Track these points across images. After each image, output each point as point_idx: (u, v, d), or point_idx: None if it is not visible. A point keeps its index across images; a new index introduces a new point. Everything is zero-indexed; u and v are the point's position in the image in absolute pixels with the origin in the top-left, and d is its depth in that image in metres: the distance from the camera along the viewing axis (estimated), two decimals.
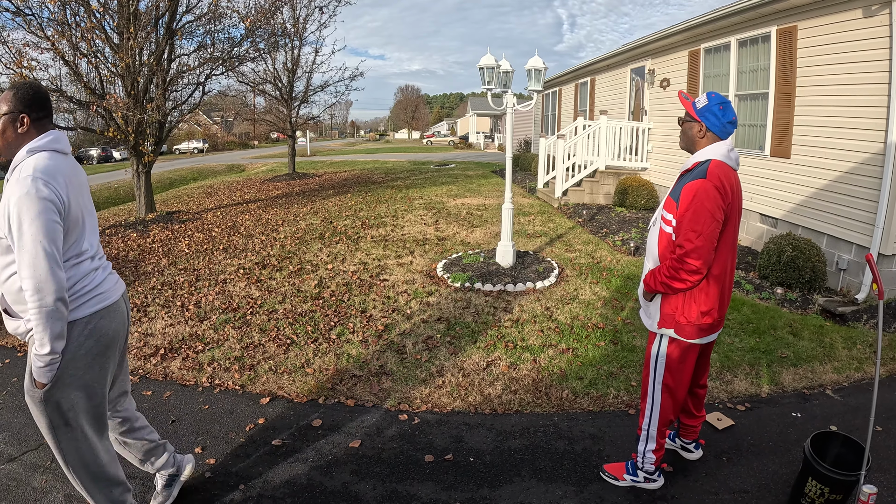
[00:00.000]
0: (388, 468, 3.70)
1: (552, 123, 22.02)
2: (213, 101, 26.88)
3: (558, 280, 7.50)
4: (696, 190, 2.95)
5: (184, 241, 10.13)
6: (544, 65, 7.26)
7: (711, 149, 3.10)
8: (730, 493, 3.47)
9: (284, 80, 20.93)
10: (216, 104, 31.48)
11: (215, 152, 52.13)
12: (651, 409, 3.34)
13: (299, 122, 22.76)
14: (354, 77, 21.62)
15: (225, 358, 5.33)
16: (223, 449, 3.91)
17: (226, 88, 21.71)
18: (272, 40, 16.87)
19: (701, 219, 2.92)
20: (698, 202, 2.93)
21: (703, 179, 2.96)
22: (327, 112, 26.38)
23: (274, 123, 23.34)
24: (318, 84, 22.34)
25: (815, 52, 7.72)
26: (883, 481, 3.55)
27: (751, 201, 9.13)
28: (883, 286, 6.55)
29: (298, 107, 22.01)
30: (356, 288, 7.25)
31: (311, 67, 21.55)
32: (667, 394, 3.28)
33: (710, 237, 2.93)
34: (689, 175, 3.08)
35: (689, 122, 3.18)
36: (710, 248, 2.95)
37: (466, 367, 5.13)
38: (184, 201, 16.25)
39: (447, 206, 13.28)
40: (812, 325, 6.11)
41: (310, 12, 20.08)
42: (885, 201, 6.57)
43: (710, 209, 2.92)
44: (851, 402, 4.62)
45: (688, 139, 3.22)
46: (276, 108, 22.51)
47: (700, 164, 3.08)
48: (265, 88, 21.03)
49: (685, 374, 3.26)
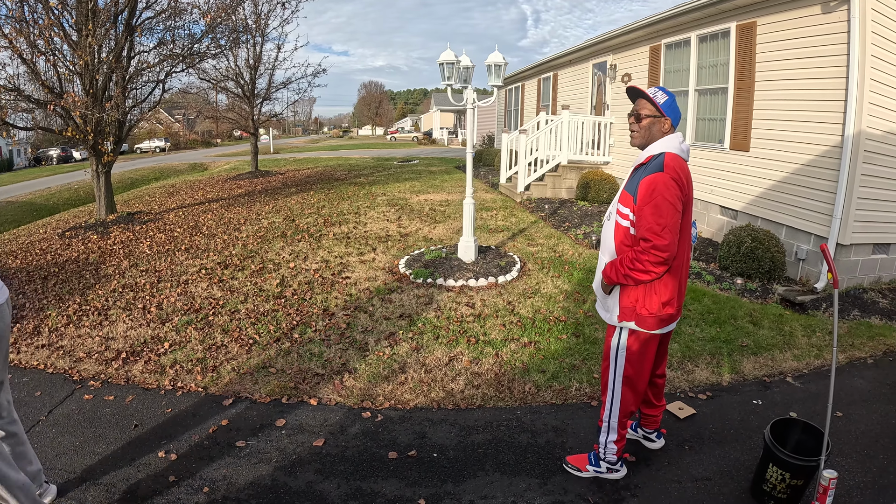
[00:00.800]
0: (352, 466, 3.66)
1: (515, 118, 22.07)
2: (175, 98, 26.42)
3: (520, 274, 7.48)
4: (656, 183, 2.95)
5: (145, 242, 9.89)
6: (504, 60, 7.22)
7: (665, 141, 3.11)
8: (692, 480, 3.49)
9: (246, 77, 20.60)
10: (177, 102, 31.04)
11: (177, 151, 51.29)
12: (612, 401, 3.34)
13: (262, 120, 22.43)
14: (317, 73, 21.37)
15: (187, 360, 5.23)
16: (186, 451, 3.84)
17: (187, 86, 21.24)
18: (233, 36, 16.59)
19: (663, 211, 2.93)
20: (658, 195, 2.93)
21: (660, 172, 2.96)
22: (290, 109, 26.13)
23: (236, 121, 22.94)
24: (281, 81, 22.04)
25: (774, 48, 7.81)
26: (844, 465, 3.59)
27: (711, 194, 9.22)
28: (838, 275, 6.67)
29: (261, 104, 21.68)
30: (318, 286, 7.15)
31: (273, 64, 21.24)
32: (627, 386, 3.28)
33: (673, 228, 2.95)
34: (646, 169, 3.08)
35: (654, 118, 3.16)
36: (675, 239, 2.96)
37: (429, 362, 5.09)
38: (145, 201, 15.91)
39: (410, 203, 13.20)
40: (772, 314, 6.18)
41: (272, 8, 19.76)
42: (842, 192, 6.67)
43: (670, 201, 2.93)
44: (811, 388, 4.68)
45: (651, 135, 3.18)
46: (238, 105, 22.17)
47: (654, 157, 3.08)
48: (227, 85, 20.66)
49: (646, 365, 3.26)
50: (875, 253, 7.22)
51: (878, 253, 7.24)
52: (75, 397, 4.62)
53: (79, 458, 3.76)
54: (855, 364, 5.18)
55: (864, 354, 5.36)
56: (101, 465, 3.68)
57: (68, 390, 4.74)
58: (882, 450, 3.82)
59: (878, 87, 6.56)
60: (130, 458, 3.75)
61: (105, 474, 3.58)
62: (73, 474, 3.57)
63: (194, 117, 52.10)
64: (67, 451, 3.84)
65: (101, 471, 3.61)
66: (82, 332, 5.92)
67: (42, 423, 4.22)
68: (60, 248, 9.89)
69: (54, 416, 4.33)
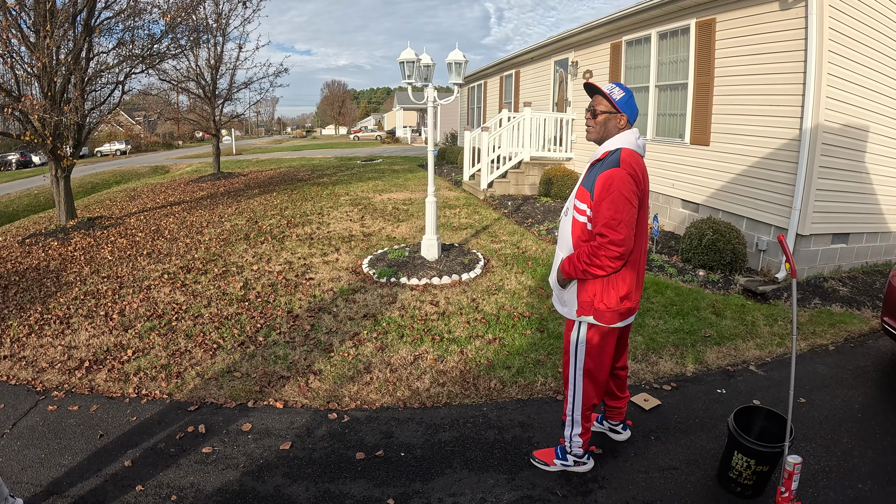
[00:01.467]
0: (319, 468, 3.61)
1: (478, 116, 22.10)
2: (135, 100, 26.03)
3: (484, 271, 7.46)
4: (612, 178, 2.96)
5: (106, 248, 9.65)
6: (465, 58, 7.20)
7: (621, 137, 3.12)
8: (659, 470, 3.50)
9: (207, 78, 20.31)
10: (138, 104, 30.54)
11: (139, 153, 50.26)
12: (574, 395, 3.34)
13: (224, 121, 22.12)
14: (279, 73, 21.16)
15: (151, 367, 5.10)
16: (154, 460, 3.74)
17: (147, 87, 20.95)
18: (194, 36, 16.35)
19: (620, 206, 2.94)
20: (615, 190, 2.94)
21: (617, 168, 2.98)
22: (252, 109, 25.78)
23: (198, 122, 22.60)
24: (243, 81, 21.75)
25: (733, 44, 7.92)
26: (809, 450, 3.64)
27: (673, 188, 9.31)
28: (798, 265, 6.77)
29: (222, 104, 21.40)
30: (282, 288, 7.05)
31: (234, 64, 21.01)
32: (588, 379, 3.29)
33: (630, 223, 2.96)
34: (602, 164, 3.08)
35: (610, 114, 3.16)
36: (631, 234, 2.98)
37: (394, 362, 5.04)
38: (106, 206, 15.56)
39: (373, 202, 13.12)
40: (734, 304, 6.25)
41: (233, 7, 19.55)
42: (801, 184, 6.78)
43: (626, 196, 2.94)
44: (774, 376, 4.74)
45: (607, 131, 3.19)
46: (199, 106, 21.84)
47: (611, 152, 3.09)
48: (188, 86, 20.37)
49: (606, 359, 3.27)
50: (834, 242, 7.36)
51: (837, 242, 7.38)
52: (39, 409, 4.47)
53: (45, 470, 3.64)
54: (817, 351, 5.26)
55: (826, 341, 5.44)
56: (67, 476, 3.57)
57: (32, 402, 4.58)
58: (846, 434, 3.88)
59: (835, 81, 6.69)
60: (97, 469, 3.64)
61: (72, 486, 3.47)
62: (39, 487, 3.46)
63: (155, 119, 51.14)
64: (33, 463, 3.71)
65: (67, 483, 3.50)
66: (44, 342, 5.74)
67: (7, 436, 4.07)
68: (21, 255, 9.60)
69: (18, 428, 4.18)
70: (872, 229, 7.78)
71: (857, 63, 6.87)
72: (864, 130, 7.16)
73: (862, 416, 4.13)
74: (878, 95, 7.22)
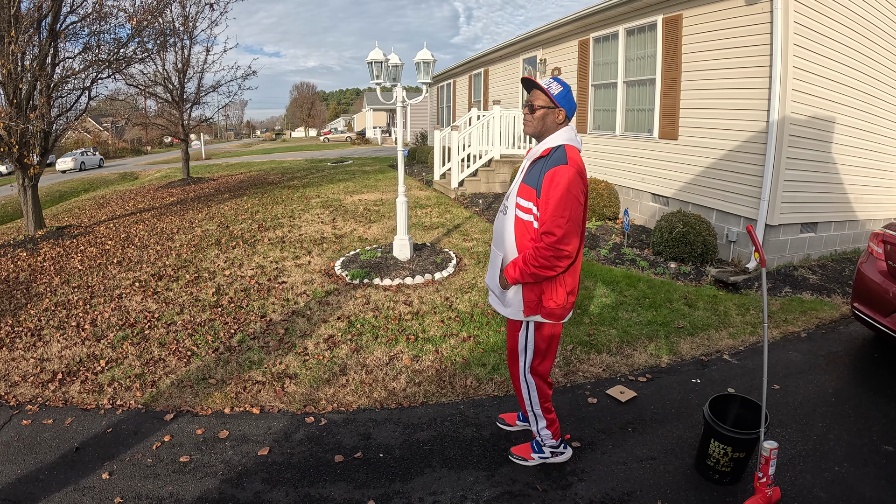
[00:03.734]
0: (298, 473, 3.57)
1: (447, 115, 22.12)
2: (102, 106, 25.61)
3: (456, 270, 7.45)
4: (561, 175, 2.91)
5: (76, 257, 9.45)
6: (433, 57, 7.17)
7: (563, 133, 3.07)
8: (638, 461, 3.51)
9: (175, 82, 20.02)
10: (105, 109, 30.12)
11: (107, 160, 49.56)
12: (529, 393, 3.35)
13: (192, 125, 21.87)
14: (247, 76, 20.94)
15: (125, 377, 4.99)
16: (131, 471, 3.66)
17: (114, 92, 20.51)
18: (161, 40, 16.13)
19: (569, 204, 2.90)
20: (563, 188, 2.89)
21: (565, 165, 2.92)
22: (221, 113, 25.72)
23: (166, 127, 22.27)
24: (211, 84, 21.45)
25: (699, 39, 8.00)
26: (785, 436, 3.68)
27: (642, 182, 9.39)
28: (767, 255, 6.84)
29: (191, 108, 21.12)
30: (255, 293, 6.96)
31: (202, 67, 20.71)
32: (537, 375, 3.30)
33: (577, 221, 2.95)
34: (547, 161, 3.02)
35: (548, 109, 3.09)
36: (578, 232, 2.96)
37: (369, 363, 5.00)
38: (75, 214, 15.28)
39: (344, 204, 13.04)
40: (706, 295, 6.31)
41: (200, 9, 19.27)
42: (769, 176, 6.87)
43: (575, 194, 2.91)
44: (748, 364, 4.80)
45: (545, 126, 3.12)
46: (167, 110, 21.57)
47: (554, 149, 3.03)
48: (155, 91, 20.06)
49: (553, 353, 3.29)
50: (803, 232, 7.46)
51: (805, 232, 7.49)
52: (13, 423, 4.34)
53: (21, 486, 3.54)
54: (789, 338, 5.33)
55: (798, 329, 5.52)
56: (44, 491, 3.47)
57: (5, 417, 4.44)
58: (820, 418, 3.93)
59: (801, 73, 6.79)
60: (74, 482, 3.55)
61: (49, 501, 3.38)
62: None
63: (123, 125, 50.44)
64: (9, 479, 3.60)
65: (44, 497, 3.41)
66: (16, 355, 5.58)
67: None
68: None
69: None
70: (840, 218, 7.90)
71: (822, 56, 6.98)
72: (830, 122, 7.27)
73: (835, 400, 4.19)
74: (844, 87, 7.34)
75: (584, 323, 5.66)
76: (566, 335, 5.33)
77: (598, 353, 4.99)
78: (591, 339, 5.27)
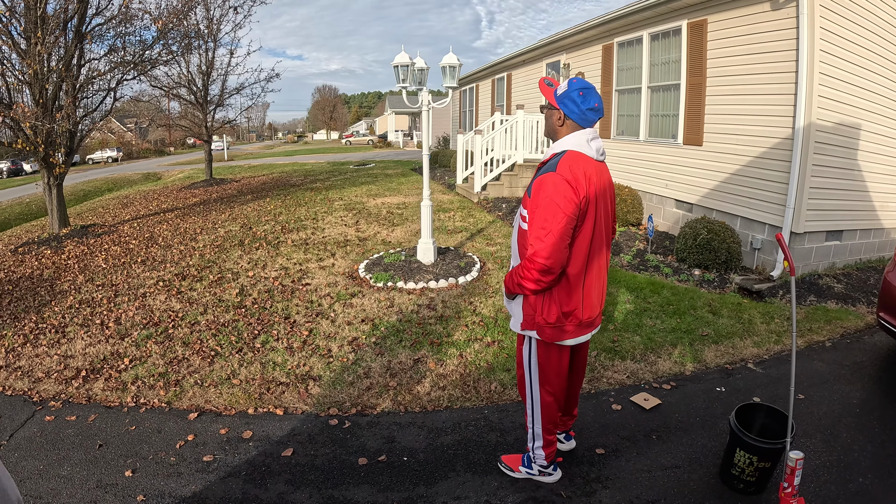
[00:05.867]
0: (322, 475, 3.59)
1: (470, 119, 22.14)
2: (126, 107, 25.93)
3: (480, 274, 7.47)
4: (544, 184, 2.77)
5: (100, 256, 9.61)
6: (459, 61, 7.21)
7: (570, 139, 2.91)
8: (662, 469, 3.51)
9: (199, 84, 20.27)
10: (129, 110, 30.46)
11: (130, 160, 50.03)
12: (532, 409, 3.25)
13: (215, 127, 22.10)
14: (270, 78, 21.18)
15: (149, 375, 5.06)
16: (154, 469, 3.72)
17: (139, 94, 20.80)
18: (185, 42, 16.34)
19: (549, 214, 2.73)
20: (546, 197, 2.75)
21: (552, 172, 2.78)
22: (244, 115, 25.84)
23: (190, 128, 22.54)
24: (234, 87, 21.77)
25: (725, 45, 7.96)
26: (809, 446, 3.66)
27: (666, 188, 9.35)
28: (794, 263, 6.80)
29: (214, 110, 21.38)
30: (278, 294, 7.03)
31: (226, 70, 20.97)
32: (545, 394, 3.17)
33: (559, 233, 2.74)
34: (544, 168, 2.90)
35: (548, 109, 3.00)
36: (561, 247, 2.76)
37: (393, 366, 5.03)
38: (99, 214, 15.50)
39: (367, 206, 13.12)
40: (730, 303, 6.28)
41: (224, 12, 19.54)
42: (794, 183, 6.82)
43: (559, 204, 2.72)
44: (773, 373, 4.77)
45: (548, 128, 3.04)
46: (191, 112, 21.83)
47: (556, 155, 2.89)
48: (179, 92, 20.32)
49: (559, 378, 3.15)
50: (828, 240, 7.40)
51: (831, 240, 7.43)
52: (36, 419, 4.43)
53: (43, 481, 3.61)
54: (814, 348, 5.29)
55: (822, 338, 5.47)
56: (66, 487, 3.54)
57: (29, 412, 4.54)
58: (844, 429, 3.90)
59: (827, 80, 6.74)
60: (97, 480, 3.61)
61: (71, 497, 3.44)
62: (38, 499, 3.43)
63: (147, 126, 51.18)
64: (31, 475, 3.68)
65: (66, 494, 3.47)
66: (40, 352, 5.70)
67: (4, 447, 4.04)
68: (13, 264, 9.54)
69: (16, 439, 4.14)
70: (866, 226, 7.82)
71: (848, 62, 6.93)
72: (856, 129, 7.21)
73: (860, 411, 4.16)
74: (870, 94, 7.27)
75: (608, 329, 5.66)
76: (590, 341, 5.30)
77: (622, 360, 4.99)
78: (615, 346, 5.27)
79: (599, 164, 2.95)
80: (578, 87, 2.88)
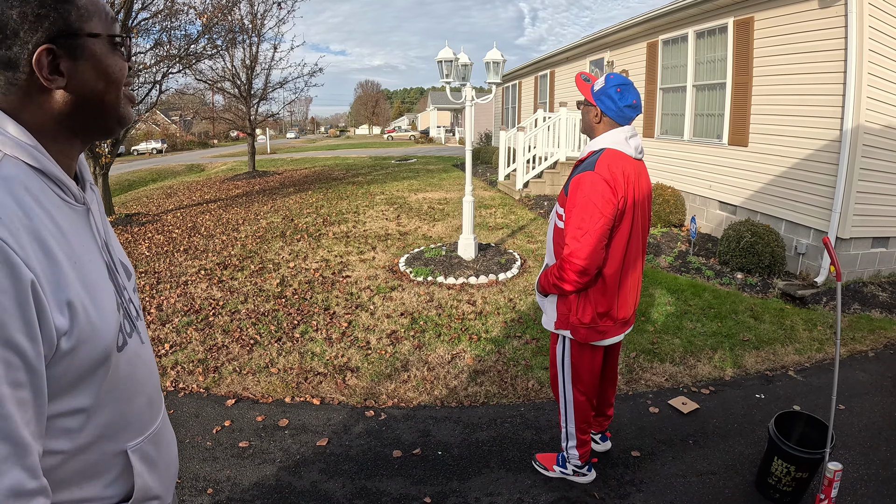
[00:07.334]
0: (356, 465, 3.63)
1: (512, 116, 22.06)
2: (171, 99, 26.35)
3: (520, 271, 7.48)
4: (582, 183, 2.73)
5: (144, 244, 9.87)
6: (503, 57, 7.22)
7: (608, 136, 2.85)
8: (697, 475, 3.49)
9: (243, 78, 20.55)
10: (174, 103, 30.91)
11: (174, 152, 51.02)
12: (566, 409, 3.24)
13: (259, 120, 22.40)
14: (314, 73, 21.33)
15: (188, 361, 5.18)
16: (190, 453, 3.81)
17: (183, 87, 21.26)
18: (230, 37, 16.58)
19: (587, 215, 2.70)
20: (584, 196, 2.71)
21: (590, 171, 2.73)
22: (287, 109, 26.07)
23: (233, 122, 22.90)
24: (278, 81, 21.99)
25: (771, 43, 7.81)
26: (848, 458, 3.60)
27: (710, 189, 9.23)
28: (840, 269, 6.68)
29: (257, 104, 21.66)
30: (318, 285, 7.14)
31: (269, 64, 21.22)
32: (578, 393, 3.16)
33: (597, 234, 2.71)
34: (581, 166, 2.85)
35: (585, 105, 2.96)
36: (599, 248, 2.73)
37: (431, 360, 5.08)
38: (143, 203, 15.87)
39: (408, 201, 13.20)
40: (772, 308, 6.19)
41: (268, 8, 19.77)
42: (841, 186, 6.69)
43: (597, 204, 2.69)
44: (814, 382, 4.68)
45: (585, 125, 2.99)
46: (234, 105, 22.11)
47: (594, 153, 2.84)
48: (223, 86, 20.64)
49: (592, 377, 3.13)
50: (874, 246, 7.24)
51: (877, 246, 7.26)
52: None
53: None
54: (856, 357, 5.19)
55: (865, 348, 5.36)
56: None
57: None
58: (885, 442, 3.83)
59: (875, 81, 6.58)
60: None
61: None
62: None
63: (191, 118, 52.00)
64: None
65: None
66: None
67: None
68: None
69: None
70: None
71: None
72: None
73: None
74: None
75: (647, 331, 5.64)
76: (629, 342, 5.31)
77: (661, 363, 4.97)
78: (654, 348, 5.25)
79: (638, 163, 2.92)
80: (616, 83, 2.81)
